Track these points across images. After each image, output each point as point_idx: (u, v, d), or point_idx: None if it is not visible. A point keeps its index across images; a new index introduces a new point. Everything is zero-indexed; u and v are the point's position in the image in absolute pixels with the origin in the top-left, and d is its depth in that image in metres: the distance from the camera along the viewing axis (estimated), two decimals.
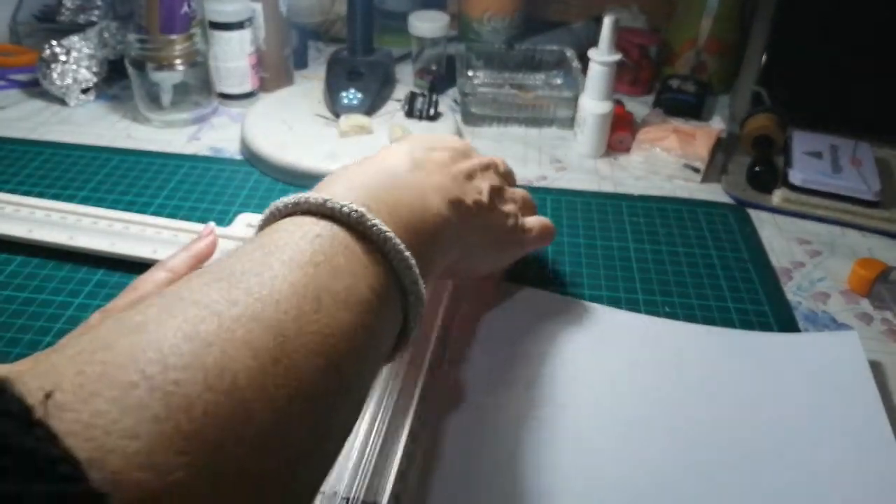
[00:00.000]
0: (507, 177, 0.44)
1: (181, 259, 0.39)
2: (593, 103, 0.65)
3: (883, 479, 0.36)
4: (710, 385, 0.41)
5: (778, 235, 0.58)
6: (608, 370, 0.42)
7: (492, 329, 0.44)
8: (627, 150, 0.68)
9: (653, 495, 0.35)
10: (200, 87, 0.70)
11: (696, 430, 0.38)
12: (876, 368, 0.44)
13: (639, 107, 0.76)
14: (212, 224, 0.44)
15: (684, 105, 0.75)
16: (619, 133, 0.68)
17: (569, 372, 0.41)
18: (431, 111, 0.67)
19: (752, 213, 0.60)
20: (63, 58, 0.71)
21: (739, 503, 0.35)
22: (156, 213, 0.55)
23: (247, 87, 0.73)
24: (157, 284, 0.37)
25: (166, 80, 0.67)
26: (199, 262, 0.41)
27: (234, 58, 0.70)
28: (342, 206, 0.28)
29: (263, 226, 0.30)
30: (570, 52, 0.76)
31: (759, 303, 0.50)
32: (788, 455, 0.37)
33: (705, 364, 0.43)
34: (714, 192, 0.63)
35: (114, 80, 0.75)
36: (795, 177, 0.60)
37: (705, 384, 0.41)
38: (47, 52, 0.70)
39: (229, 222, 0.52)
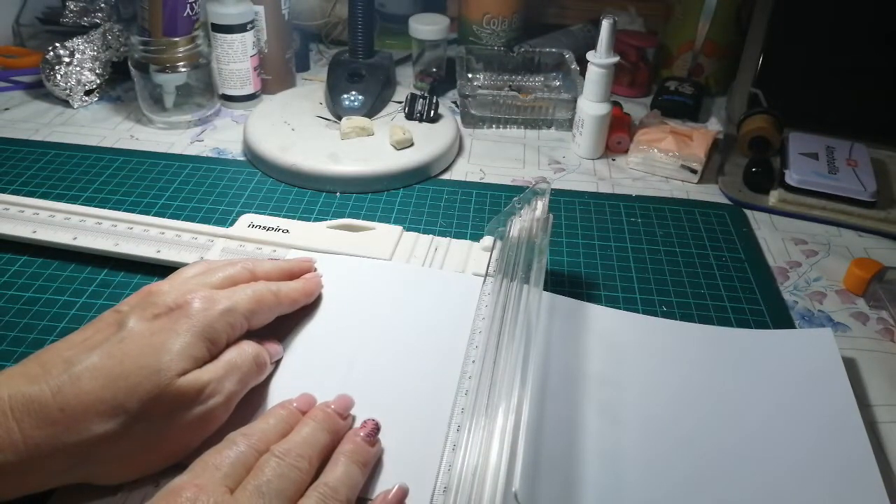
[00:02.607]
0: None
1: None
2: (591, 105, 0.65)
3: (854, 472, 0.37)
4: (690, 380, 0.42)
5: (774, 236, 0.58)
6: (604, 369, 0.42)
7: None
8: (625, 151, 0.68)
9: (639, 486, 0.36)
10: (203, 89, 0.70)
11: (676, 424, 0.39)
12: (853, 366, 0.45)
13: (636, 108, 0.77)
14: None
15: (681, 107, 0.76)
16: (617, 134, 0.68)
17: (564, 370, 0.42)
18: (431, 113, 0.67)
19: (749, 213, 0.61)
20: (67, 60, 0.71)
21: (718, 494, 0.36)
22: (159, 214, 0.56)
23: (249, 89, 0.73)
24: None
25: (169, 81, 0.67)
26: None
27: (236, 60, 0.71)
28: None
29: None
30: (568, 55, 0.77)
31: (756, 302, 0.50)
32: (764, 450, 0.38)
33: (687, 360, 0.43)
34: (711, 193, 0.63)
35: (117, 81, 0.76)
36: (792, 177, 0.61)
37: (687, 380, 0.42)
38: (51, 53, 0.71)
39: (231, 223, 0.52)
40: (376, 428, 0.35)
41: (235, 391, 0.35)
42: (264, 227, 0.51)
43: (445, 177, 0.64)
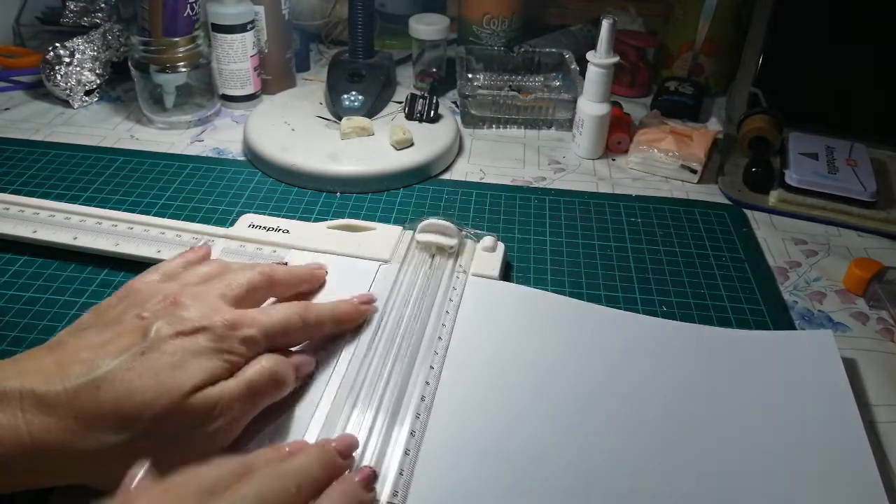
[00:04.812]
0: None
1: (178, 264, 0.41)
2: (591, 105, 0.65)
3: (853, 473, 0.37)
4: (690, 381, 0.42)
5: (774, 236, 0.58)
6: (602, 369, 0.42)
7: (489, 328, 0.44)
8: (625, 151, 0.68)
9: (637, 487, 0.36)
10: (203, 89, 0.70)
11: (675, 425, 0.39)
12: (853, 366, 0.45)
13: (636, 108, 0.77)
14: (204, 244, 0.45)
15: (681, 107, 0.76)
16: (617, 134, 0.68)
17: (564, 371, 0.42)
18: (431, 113, 0.67)
19: (749, 213, 0.61)
20: (67, 60, 0.71)
21: (717, 495, 0.36)
22: (159, 214, 0.56)
23: (249, 89, 0.73)
24: None
25: (169, 81, 0.67)
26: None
27: (236, 60, 0.71)
28: None
29: None
30: (568, 55, 0.77)
31: (756, 302, 0.50)
32: (763, 451, 0.38)
33: (687, 360, 0.43)
34: (711, 193, 0.64)
35: (117, 81, 0.76)
36: (792, 177, 0.61)
37: (686, 380, 0.42)
38: (51, 54, 0.71)
39: (232, 223, 0.52)
40: (373, 475, 0.34)
41: (247, 411, 0.35)
42: (264, 228, 0.51)
43: (445, 177, 0.64)
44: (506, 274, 0.51)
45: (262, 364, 0.36)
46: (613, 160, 0.68)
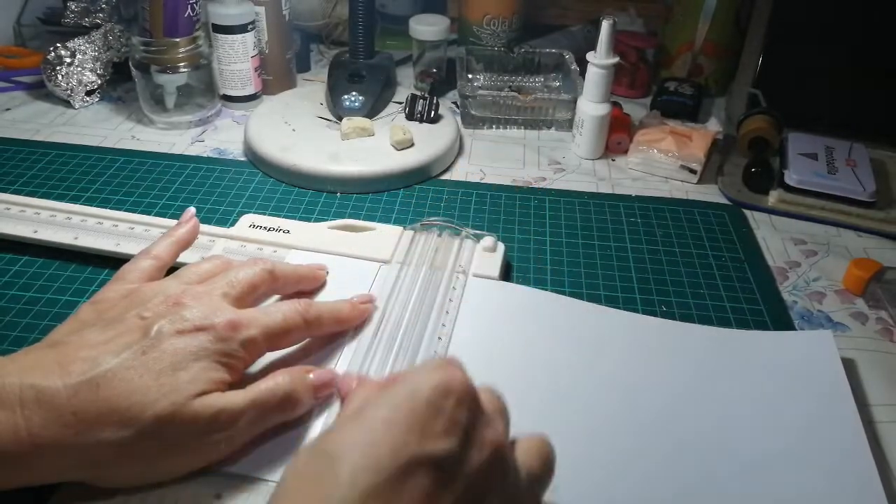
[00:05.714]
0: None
1: (164, 246, 0.41)
2: (591, 105, 0.65)
3: (852, 474, 0.37)
4: (689, 381, 0.42)
5: (774, 236, 0.58)
6: (602, 369, 0.42)
7: (490, 328, 0.44)
8: (625, 151, 0.68)
9: (635, 488, 0.36)
10: (204, 90, 0.71)
11: (674, 425, 0.39)
12: (852, 366, 0.45)
13: (636, 109, 0.77)
14: (192, 209, 0.45)
15: (681, 107, 0.76)
16: (617, 135, 0.68)
17: (564, 371, 0.42)
18: (432, 113, 0.67)
19: (748, 213, 0.61)
20: (68, 60, 0.72)
21: (715, 496, 0.36)
22: (160, 214, 0.56)
23: (250, 90, 0.73)
24: (142, 272, 0.39)
25: (170, 82, 0.68)
26: (182, 247, 0.42)
27: (237, 60, 0.71)
28: None
29: None
30: (568, 55, 0.77)
31: (755, 302, 0.50)
32: (763, 451, 0.38)
33: (686, 361, 0.43)
34: (710, 193, 0.64)
35: (118, 82, 0.76)
36: (791, 178, 0.61)
37: (686, 380, 0.42)
38: (52, 54, 0.71)
39: (232, 223, 0.52)
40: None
41: (252, 428, 0.34)
42: (265, 228, 0.51)
43: (445, 177, 0.64)
44: (506, 274, 0.51)
45: (277, 381, 0.35)
46: (613, 160, 0.68)
